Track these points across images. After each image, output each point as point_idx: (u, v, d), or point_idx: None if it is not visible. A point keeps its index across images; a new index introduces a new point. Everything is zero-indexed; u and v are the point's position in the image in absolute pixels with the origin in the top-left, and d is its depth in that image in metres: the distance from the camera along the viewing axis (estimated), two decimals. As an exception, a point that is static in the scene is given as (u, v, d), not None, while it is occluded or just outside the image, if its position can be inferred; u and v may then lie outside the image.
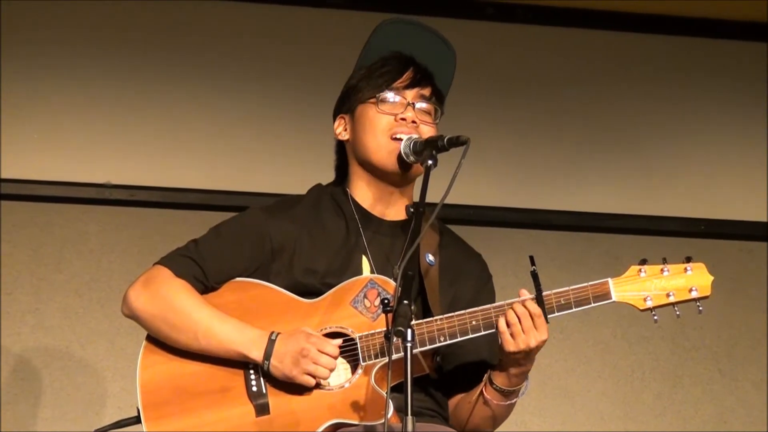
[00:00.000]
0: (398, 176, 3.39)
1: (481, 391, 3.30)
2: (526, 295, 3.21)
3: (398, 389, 2.99)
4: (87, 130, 5.26)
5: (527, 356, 3.21)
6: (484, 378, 3.31)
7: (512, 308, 3.18)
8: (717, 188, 5.64)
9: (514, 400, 3.31)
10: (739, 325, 5.56)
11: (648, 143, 5.64)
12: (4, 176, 5.15)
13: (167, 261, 3.33)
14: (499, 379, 3.27)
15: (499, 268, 3.59)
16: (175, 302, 3.26)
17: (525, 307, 3.18)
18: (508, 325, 3.17)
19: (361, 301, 3.26)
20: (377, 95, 3.38)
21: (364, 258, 3.36)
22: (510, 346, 3.18)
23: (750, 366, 5.54)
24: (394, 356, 3.06)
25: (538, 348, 3.20)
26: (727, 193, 5.64)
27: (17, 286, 5.15)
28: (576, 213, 5.56)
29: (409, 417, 2.88)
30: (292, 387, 3.20)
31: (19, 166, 5.17)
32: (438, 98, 3.45)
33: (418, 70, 3.42)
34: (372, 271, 3.33)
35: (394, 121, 3.37)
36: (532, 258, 3.21)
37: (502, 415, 3.35)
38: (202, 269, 3.30)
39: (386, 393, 3.02)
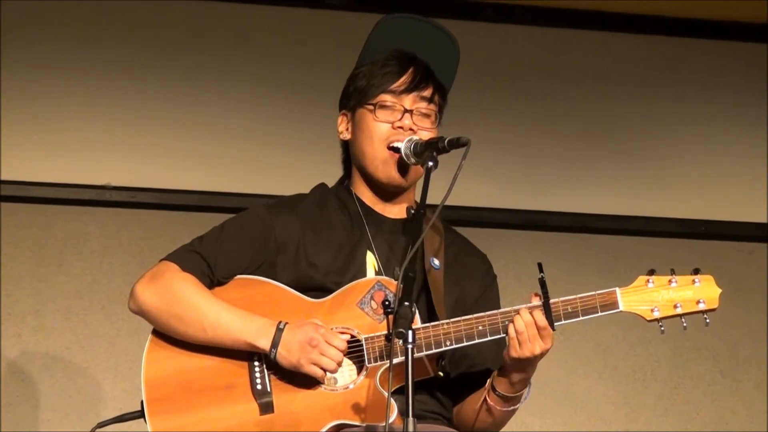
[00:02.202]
0: (392, 186, 3.41)
1: (484, 397, 3.31)
2: (536, 301, 3.22)
3: (402, 391, 2.98)
4: (87, 131, 5.26)
5: (530, 363, 3.22)
6: (486, 384, 3.31)
7: (519, 316, 3.19)
8: (717, 189, 5.65)
9: (516, 405, 3.32)
10: (740, 326, 5.57)
11: (647, 144, 5.64)
12: (4, 178, 5.15)
13: (174, 256, 3.34)
14: (502, 385, 3.28)
15: (498, 270, 3.59)
16: (182, 295, 3.27)
17: (532, 316, 3.19)
18: (515, 332, 3.19)
19: (368, 302, 3.26)
20: (375, 102, 3.39)
21: (369, 253, 3.37)
22: (515, 352, 3.19)
23: (751, 367, 5.55)
24: (398, 360, 3.06)
25: (542, 355, 3.21)
26: (727, 194, 5.64)
27: (18, 288, 5.14)
28: (575, 214, 5.57)
29: (410, 418, 2.88)
30: (297, 386, 3.21)
31: (19, 167, 5.17)
32: (441, 94, 3.44)
33: (418, 71, 3.41)
34: (377, 267, 3.34)
35: (391, 128, 3.37)
36: (540, 265, 3.21)
37: (503, 421, 3.37)
38: (208, 264, 3.31)
39: (388, 394, 3.02)
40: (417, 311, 3.11)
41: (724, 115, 5.70)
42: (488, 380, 3.31)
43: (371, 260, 3.36)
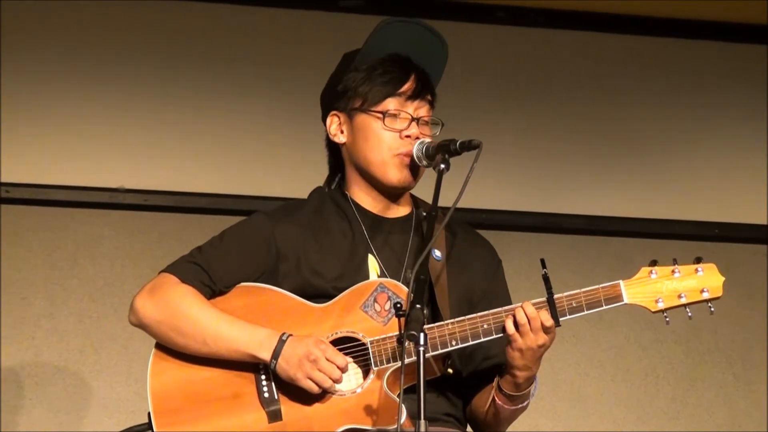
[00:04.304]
0: (401, 189, 3.41)
1: (493, 397, 3.30)
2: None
3: (410, 392, 2.99)
4: (100, 134, 5.27)
5: (534, 357, 3.21)
6: (493, 383, 3.31)
7: (523, 309, 3.18)
8: (730, 191, 5.63)
9: (525, 403, 3.31)
10: (753, 329, 5.55)
11: (660, 146, 5.63)
12: (17, 181, 5.16)
13: (172, 268, 3.32)
14: (507, 385, 3.27)
15: (510, 272, 3.58)
16: (182, 307, 3.26)
17: (537, 313, 3.18)
18: (518, 325, 3.18)
19: (371, 305, 3.25)
20: (383, 111, 3.37)
21: (371, 257, 3.36)
22: (516, 344, 3.18)
23: (764, 369, 5.53)
24: (407, 360, 3.06)
25: (545, 346, 3.20)
26: (740, 196, 5.63)
27: (31, 291, 5.16)
28: (588, 217, 5.56)
29: (422, 420, 2.89)
30: (305, 393, 3.20)
31: (32, 170, 5.19)
32: (435, 97, 3.43)
33: (419, 77, 3.40)
34: (381, 270, 3.34)
35: (399, 138, 3.36)
36: (543, 261, 3.22)
37: (513, 417, 3.36)
38: (209, 274, 3.29)
39: (399, 397, 3.02)
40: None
41: (737, 117, 5.68)
42: (494, 380, 3.30)
43: (373, 264, 3.35)
